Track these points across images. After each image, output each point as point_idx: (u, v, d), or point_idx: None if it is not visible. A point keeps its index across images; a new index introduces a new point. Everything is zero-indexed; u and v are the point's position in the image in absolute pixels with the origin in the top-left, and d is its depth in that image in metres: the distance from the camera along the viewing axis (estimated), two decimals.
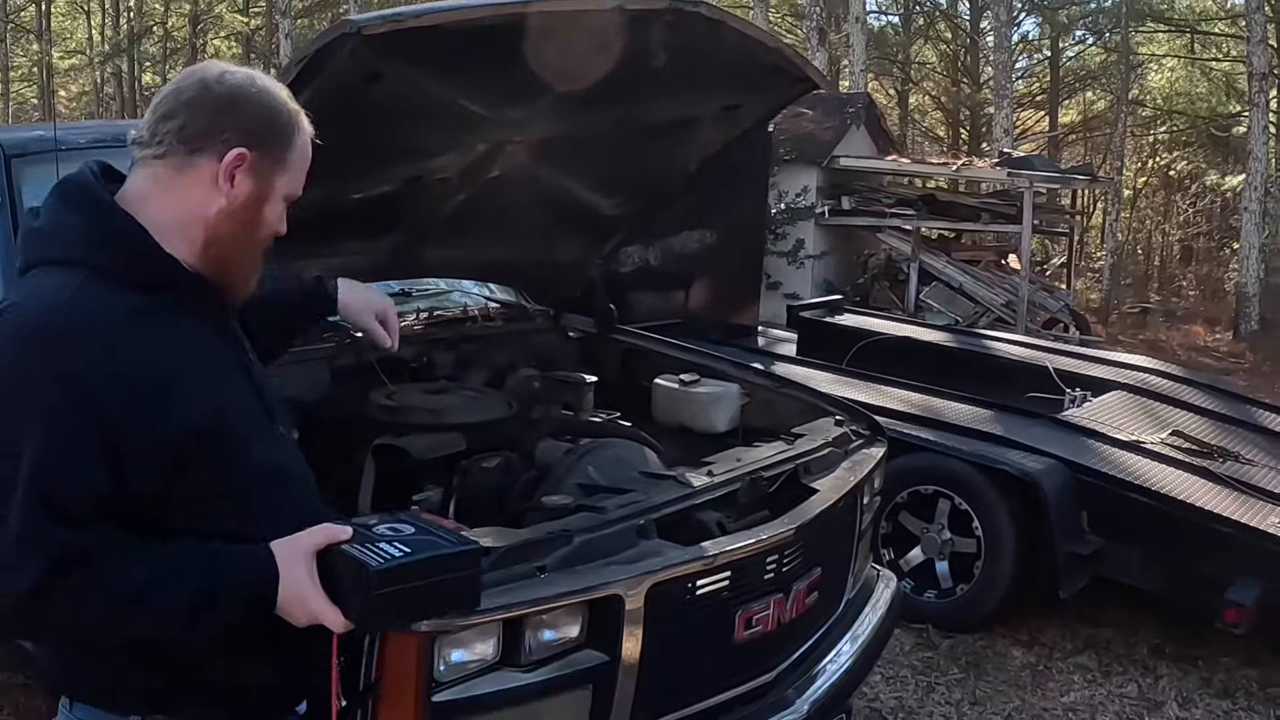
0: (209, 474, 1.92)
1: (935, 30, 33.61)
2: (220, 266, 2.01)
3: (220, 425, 1.93)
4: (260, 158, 1.98)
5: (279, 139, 2.02)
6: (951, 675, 5.45)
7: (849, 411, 4.29)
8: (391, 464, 3.67)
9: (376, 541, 1.90)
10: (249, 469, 1.99)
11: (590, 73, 3.56)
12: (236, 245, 2.01)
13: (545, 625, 2.76)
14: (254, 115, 1.98)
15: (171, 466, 1.86)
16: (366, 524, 1.98)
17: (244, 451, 1.99)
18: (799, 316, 9.08)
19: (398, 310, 4.76)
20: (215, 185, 1.96)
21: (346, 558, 1.88)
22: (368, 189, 3.75)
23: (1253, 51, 19.47)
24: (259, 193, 2.00)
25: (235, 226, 1.99)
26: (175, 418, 1.86)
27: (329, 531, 1.93)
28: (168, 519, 1.89)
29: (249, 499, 1.99)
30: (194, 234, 1.96)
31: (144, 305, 1.89)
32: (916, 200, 16.67)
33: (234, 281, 2.05)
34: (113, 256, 1.90)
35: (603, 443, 3.73)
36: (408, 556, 1.87)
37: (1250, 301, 19.23)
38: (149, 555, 1.84)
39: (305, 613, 1.91)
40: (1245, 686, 5.47)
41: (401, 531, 1.94)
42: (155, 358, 1.87)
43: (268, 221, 2.05)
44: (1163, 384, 7.68)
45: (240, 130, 1.96)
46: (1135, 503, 5.59)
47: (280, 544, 1.92)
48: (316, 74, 2.95)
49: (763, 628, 3.25)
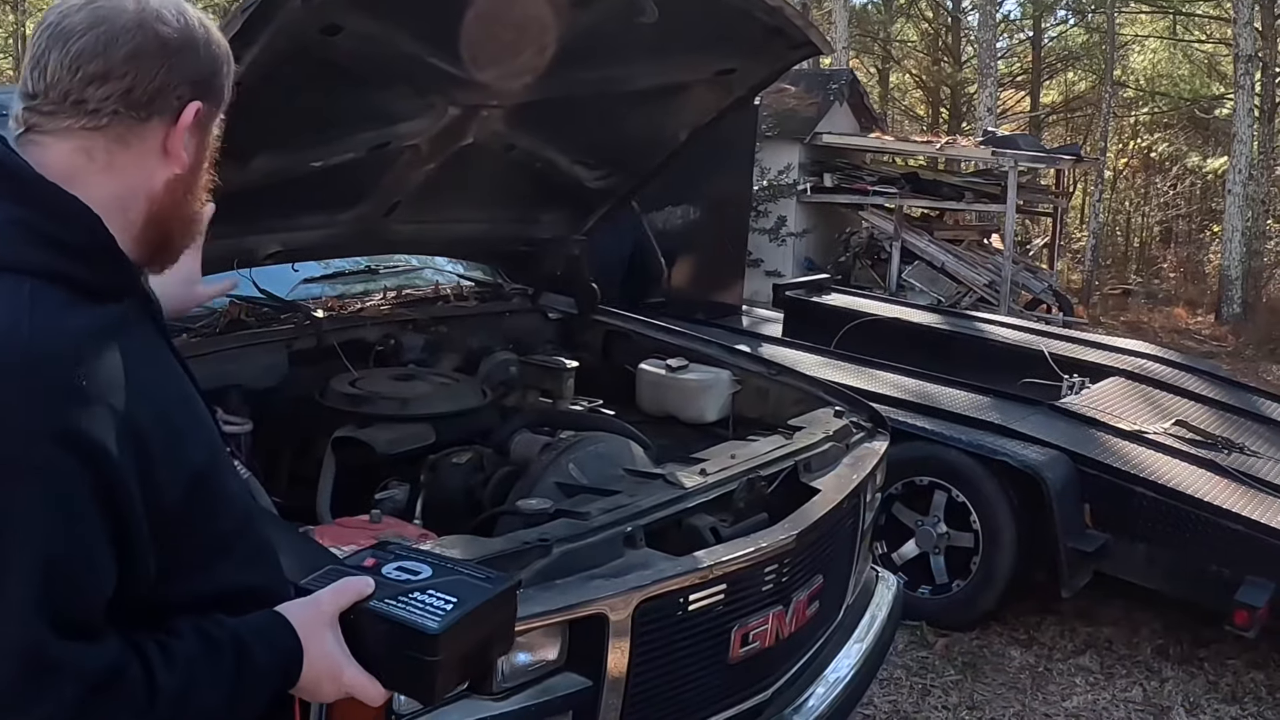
0: (201, 529, 1.52)
1: (917, 8, 33.43)
2: (160, 247, 1.61)
3: (210, 461, 1.55)
4: (209, 109, 1.59)
5: (222, 83, 1.62)
6: (948, 677, 5.19)
7: (848, 401, 4.01)
8: (353, 458, 3.39)
9: (407, 592, 1.58)
10: (231, 511, 1.60)
11: (572, 30, 3.26)
12: (181, 218, 1.62)
13: (520, 648, 2.49)
14: (202, 59, 1.57)
15: (174, 532, 1.45)
16: (374, 569, 1.64)
17: (226, 488, 1.60)
18: (785, 296, 8.84)
19: (363, 289, 4.54)
20: (164, 153, 1.55)
21: (383, 619, 1.55)
22: (328, 157, 3.46)
23: (1239, 33, 19.28)
24: (203, 149, 1.61)
25: (185, 193, 1.60)
26: (180, 468, 1.46)
27: (353, 588, 1.57)
28: (153, 599, 1.47)
29: (235, 548, 1.60)
30: (133, 215, 1.54)
31: (109, 320, 1.46)
32: (899, 178, 16.55)
33: (171, 259, 1.65)
34: (67, 257, 1.45)
35: (585, 437, 3.45)
36: (460, 608, 1.55)
37: (1233, 285, 19.10)
38: (170, 656, 1.42)
39: (336, 688, 1.56)
40: (1254, 691, 5.23)
41: (420, 574, 1.62)
42: (142, 391, 1.44)
43: (207, 180, 1.65)
44: (1161, 370, 7.46)
45: (193, 82, 1.55)
46: (1141, 497, 5.34)
47: (295, 610, 1.56)
48: (265, 25, 2.65)
49: (760, 644, 2.97)
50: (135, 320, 1.53)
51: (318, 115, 3.27)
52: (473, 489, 3.33)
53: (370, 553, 1.69)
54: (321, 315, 3.98)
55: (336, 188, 3.66)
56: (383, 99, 3.39)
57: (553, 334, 4.70)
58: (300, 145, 3.34)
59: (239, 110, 1.70)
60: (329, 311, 4.09)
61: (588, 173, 4.29)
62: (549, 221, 4.52)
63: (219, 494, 1.56)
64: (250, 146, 3.09)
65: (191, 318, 3.66)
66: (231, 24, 2.60)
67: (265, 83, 2.68)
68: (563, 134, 4.02)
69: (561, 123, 3.91)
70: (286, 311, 3.87)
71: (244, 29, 2.59)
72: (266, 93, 2.71)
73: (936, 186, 16.62)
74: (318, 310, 4.02)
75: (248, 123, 1.86)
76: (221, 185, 1.70)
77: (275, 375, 3.66)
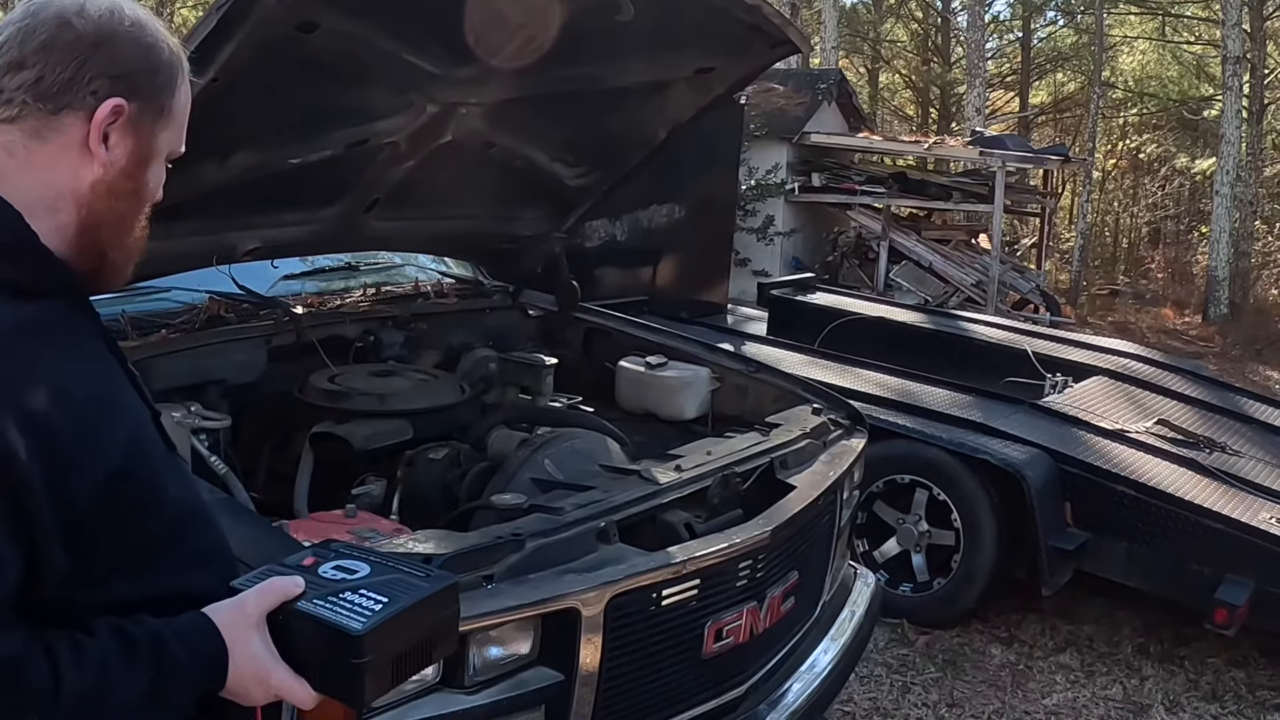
0: (125, 531, 1.49)
1: (906, 9, 33.42)
2: (99, 254, 1.57)
3: (133, 465, 1.51)
4: (141, 109, 1.55)
5: (160, 83, 1.58)
6: (928, 674, 5.20)
7: (827, 399, 4.02)
8: (331, 453, 3.39)
9: (338, 592, 1.54)
10: (163, 514, 1.57)
11: (550, 27, 3.26)
12: (120, 225, 1.58)
13: (492, 641, 2.50)
14: (129, 55, 1.54)
15: (89, 533, 1.44)
16: (311, 569, 1.60)
17: (155, 492, 1.56)
18: (770, 295, 8.86)
19: (343, 285, 4.54)
20: (86, 150, 1.52)
21: (310, 620, 1.51)
22: (307, 154, 3.45)
23: (1227, 35, 19.30)
24: (140, 154, 1.57)
25: (116, 201, 1.56)
26: (94, 468, 1.44)
27: (279, 589, 1.54)
28: (73, 600, 1.45)
29: (171, 552, 1.57)
30: (64, 217, 1.52)
31: (30, 319, 1.45)
32: (887, 178, 16.54)
33: (114, 271, 1.62)
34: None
35: (562, 433, 3.46)
36: (389, 608, 1.51)
37: (1220, 285, 19.13)
38: (80, 654, 1.41)
39: (265, 691, 1.54)
40: (1234, 689, 5.24)
41: (356, 572, 1.58)
42: (60, 390, 1.43)
43: (151, 188, 1.62)
44: (1144, 370, 7.47)
45: (113, 77, 1.52)
46: (1122, 495, 5.35)
47: (221, 611, 1.53)
48: (241, 21, 2.64)
49: (734, 639, 2.98)
50: (62, 321, 1.51)
51: (295, 112, 3.27)
52: (449, 484, 3.33)
53: (311, 551, 1.65)
54: (301, 311, 3.97)
55: (316, 184, 3.65)
56: (361, 96, 3.38)
57: (533, 331, 4.69)
58: (279, 142, 3.33)
59: (217, 107, 1.70)
60: (309, 308, 4.09)
61: (568, 170, 4.29)
62: (529, 219, 4.52)
63: (147, 497, 1.52)
64: (229, 143, 3.10)
65: (170, 313, 3.67)
66: (207, 21, 2.60)
67: (242, 79, 2.69)
68: (542, 132, 4.01)
69: (541, 120, 3.91)
70: (266, 308, 3.87)
71: (220, 25, 2.59)
72: (244, 89, 2.71)
73: (924, 186, 16.63)
74: (297, 306, 4.01)
75: (226, 119, 1.87)
76: (201, 182, 1.70)
77: (254, 371, 3.65)
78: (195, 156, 1.65)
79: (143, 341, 3.35)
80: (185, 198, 1.64)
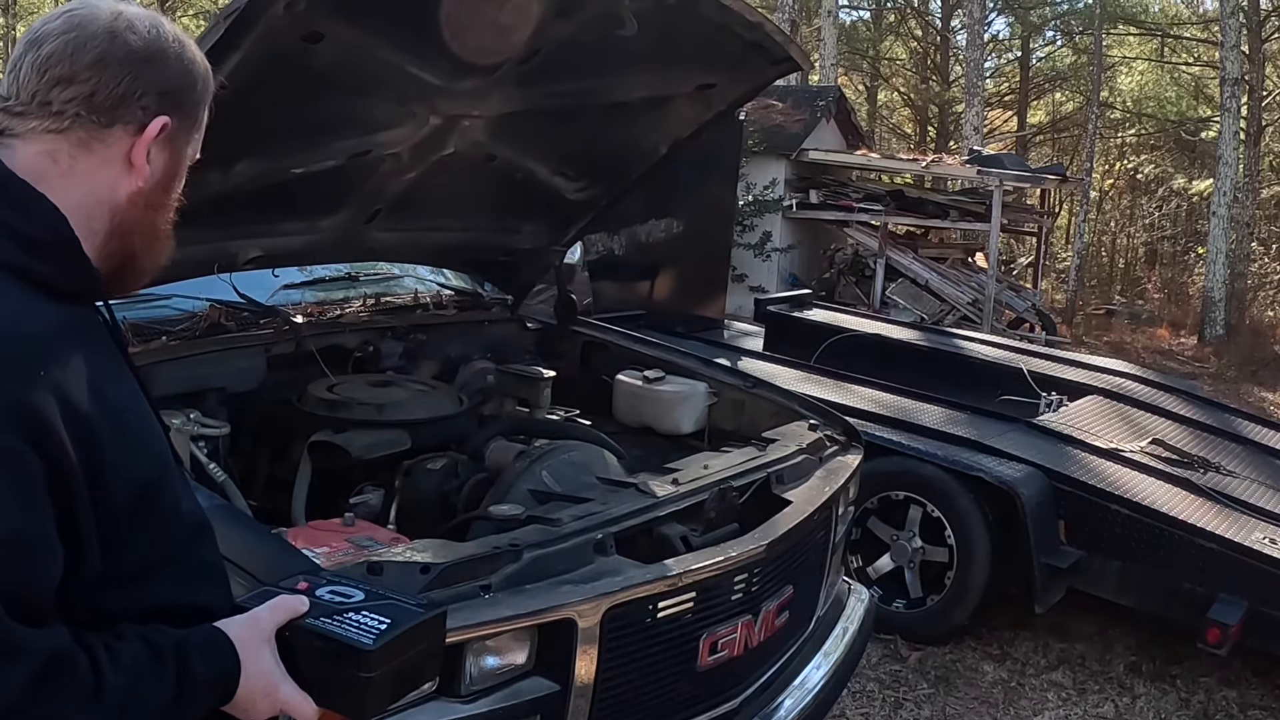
0: (148, 541, 1.52)
1: (906, 27, 33.53)
2: (124, 261, 1.60)
3: (161, 476, 1.55)
4: (179, 125, 1.59)
5: (196, 99, 1.62)
6: (920, 690, 5.21)
7: (823, 415, 4.03)
8: (329, 462, 3.40)
9: (341, 612, 1.58)
10: (180, 526, 1.60)
11: (553, 40, 3.28)
12: (148, 234, 1.61)
13: (488, 651, 2.51)
14: (175, 73, 1.57)
15: (120, 537, 1.46)
16: (310, 592, 1.64)
17: (175, 505, 1.59)
18: (766, 310, 8.87)
19: (342, 295, 4.56)
20: (128, 163, 1.54)
21: (320, 636, 1.55)
22: (309, 163, 3.47)
23: (1226, 56, 19.39)
24: (175, 167, 1.61)
25: (148, 211, 1.59)
26: (131, 476, 1.47)
27: (290, 606, 1.58)
28: (98, 605, 1.47)
29: (181, 565, 1.60)
30: (97, 224, 1.54)
31: (69, 321, 1.47)
32: (884, 196, 16.56)
33: (137, 279, 1.65)
34: (30, 252, 1.46)
35: (559, 445, 3.47)
36: (395, 628, 1.56)
37: (1216, 306, 19.18)
38: (116, 656, 1.42)
39: (270, 705, 1.56)
40: (1225, 709, 5.26)
41: (352, 597, 1.63)
42: (103, 396, 1.44)
43: (176, 199, 1.65)
44: (1139, 389, 7.49)
45: (160, 93, 1.55)
46: (1116, 514, 5.38)
47: (235, 626, 1.55)
48: (248, 32, 2.66)
49: (729, 652, 2.99)
50: (88, 327, 1.54)
51: (299, 122, 3.28)
52: (446, 494, 3.34)
53: (303, 577, 1.69)
54: (301, 321, 3.99)
55: (318, 194, 3.67)
56: (364, 107, 3.40)
57: (531, 343, 4.70)
58: (282, 151, 3.35)
59: (221, 116, 1.72)
60: (308, 317, 4.10)
61: (568, 184, 4.30)
62: (529, 232, 4.53)
63: (167, 510, 1.56)
64: (232, 152, 3.11)
65: (170, 320, 3.68)
66: (214, 30, 2.61)
67: (247, 89, 2.70)
68: (543, 145, 4.03)
69: (542, 134, 3.92)
70: (266, 316, 3.88)
71: (226, 35, 2.61)
72: (249, 99, 2.72)
73: (922, 204, 16.66)
74: (297, 316, 4.03)
75: (230, 128, 1.87)
76: (203, 190, 1.71)
77: (254, 379, 3.67)
78: (199, 164, 1.67)
79: (143, 348, 3.37)
80: (188, 205, 1.66)
